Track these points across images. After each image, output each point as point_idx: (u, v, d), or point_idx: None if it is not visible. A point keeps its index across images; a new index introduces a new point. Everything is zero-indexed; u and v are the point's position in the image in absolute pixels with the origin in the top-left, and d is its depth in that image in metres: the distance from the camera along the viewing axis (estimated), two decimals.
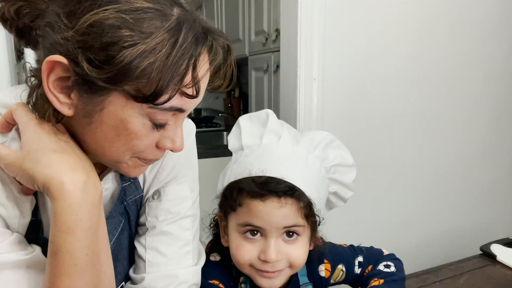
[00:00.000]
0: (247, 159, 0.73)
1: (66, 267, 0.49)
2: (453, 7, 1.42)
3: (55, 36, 0.47)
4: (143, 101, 0.48)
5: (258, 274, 0.71)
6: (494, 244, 1.14)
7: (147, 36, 0.46)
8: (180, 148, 0.57)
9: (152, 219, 0.69)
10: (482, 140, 1.59)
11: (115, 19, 0.45)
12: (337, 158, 0.78)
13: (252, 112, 0.82)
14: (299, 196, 0.69)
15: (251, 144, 0.75)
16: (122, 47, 0.45)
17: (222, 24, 2.38)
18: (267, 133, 0.75)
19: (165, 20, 0.47)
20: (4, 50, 1.36)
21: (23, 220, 0.55)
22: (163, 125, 0.53)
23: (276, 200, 0.68)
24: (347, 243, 0.88)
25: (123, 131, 0.51)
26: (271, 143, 0.74)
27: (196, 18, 0.51)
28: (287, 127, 0.78)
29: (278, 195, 0.68)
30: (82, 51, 0.46)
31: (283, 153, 0.72)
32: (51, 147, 0.51)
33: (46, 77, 0.48)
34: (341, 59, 1.28)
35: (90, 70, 0.46)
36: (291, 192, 0.68)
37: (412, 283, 0.98)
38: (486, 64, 1.53)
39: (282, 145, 0.73)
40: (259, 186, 0.68)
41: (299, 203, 0.69)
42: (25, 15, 0.51)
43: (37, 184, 0.50)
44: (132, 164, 0.56)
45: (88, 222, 0.50)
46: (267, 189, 0.68)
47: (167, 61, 0.47)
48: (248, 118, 0.79)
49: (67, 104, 0.50)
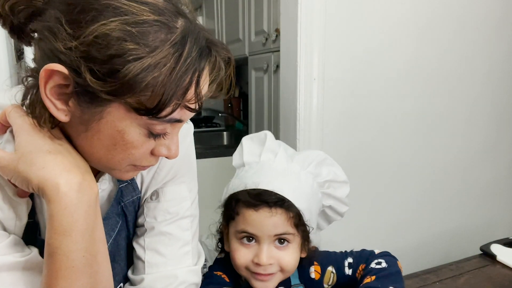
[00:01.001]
0: (246, 174, 0.82)
1: (63, 269, 0.49)
2: (453, 8, 1.42)
3: (56, 43, 0.46)
4: (145, 114, 0.48)
5: (252, 277, 0.79)
6: (494, 244, 1.14)
7: (152, 50, 0.46)
8: (175, 156, 0.57)
9: (150, 220, 0.69)
10: (482, 140, 1.59)
11: (121, 31, 0.45)
12: (330, 174, 0.85)
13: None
14: (288, 207, 0.76)
15: (250, 161, 0.84)
16: (127, 61, 0.45)
17: (222, 24, 2.38)
18: (265, 151, 0.83)
19: (170, 33, 0.47)
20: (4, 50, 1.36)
21: (19, 222, 0.55)
22: (161, 134, 0.53)
23: (268, 210, 0.75)
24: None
25: (120, 141, 0.51)
26: (268, 160, 0.82)
27: (200, 29, 0.51)
28: (284, 147, 0.86)
29: (269, 205, 0.75)
30: (85, 62, 0.45)
31: (277, 169, 0.81)
32: (46, 149, 0.51)
33: (44, 84, 0.47)
34: (341, 59, 1.28)
35: (93, 82, 0.45)
36: (280, 203, 0.76)
37: (412, 283, 0.98)
38: (486, 64, 1.53)
39: (278, 161, 0.81)
40: (253, 197, 0.76)
41: (288, 213, 0.76)
42: (20, 12, 0.50)
43: (32, 186, 0.49)
44: (125, 169, 0.56)
45: (84, 224, 0.50)
46: (259, 200, 0.76)
47: (171, 76, 0.47)
48: (249, 139, 0.89)
49: (64, 111, 0.50)
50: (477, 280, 0.99)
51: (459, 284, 0.97)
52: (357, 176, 1.38)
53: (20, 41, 0.54)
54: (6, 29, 0.53)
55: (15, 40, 0.53)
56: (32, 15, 0.50)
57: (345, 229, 1.38)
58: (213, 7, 2.48)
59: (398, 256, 0.84)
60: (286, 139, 1.35)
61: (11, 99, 0.54)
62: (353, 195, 1.37)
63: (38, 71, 0.48)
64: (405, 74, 1.39)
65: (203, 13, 2.78)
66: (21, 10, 0.50)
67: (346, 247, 1.25)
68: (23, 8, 0.50)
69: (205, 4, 2.75)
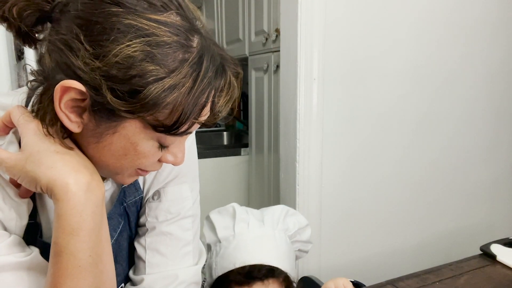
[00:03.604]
0: (227, 251, 0.85)
1: (69, 268, 0.49)
2: (453, 8, 1.42)
3: (74, 60, 0.46)
4: (163, 131, 0.49)
5: None
6: (494, 244, 1.14)
7: (172, 71, 0.46)
8: (181, 162, 0.58)
9: (152, 219, 0.69)
10: (482, 140, 1.59)
11: (143, 53, 0.45)
12: (295, 224, 0.93)
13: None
14: (278, 274, 0.83)
15: (227, 236, 0.88)
16: (148, 82, 0.45)
17: (222, 24, 2.38)
18: (237, 223, 0.88)
19: (187, 52, 0.48)
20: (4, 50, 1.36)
21: (20, 223, 0.55)
22: (170, 144, 0.54)
23: (261, 284, 0.81)
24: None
25: (131, 151, 0.51)
26: (243, 231, 0.87)
27: (214, 45, 0.51)
28: (250, 212, 0.92)
29: (261, 279, 0.81)
30: (106, 81, 0.45)
31: (254, 238, 0.86)
32: (53, 149, 0.51)
33: (59, 98, 0.47)
34: (341, 59, 1.28)
35: (114, 101, 0.46)
36: (271, 274, 0.82)
37: (412, 283, 0.98)
38: (485, 64, 1.53)
39: (251, 230, 0.87)
40: (244, 276, 0.81)
41: (279, 280, 0.83)
42: (28, 16, 0.50)
43: (40, 185, 0.50)
44: (128, 174, 0.57)
45: (91, 223, 0.50)
46: (251, 277, 0.81)
47: (189, 95, 0.48)
48: (217, 213, 0.93)
49: (77, 123, 0.50)
50: (477, 280, 0.99)
51: (459, 284, 0.97)
52: (357, 176, 1.38)
53: (25, 44, 0.54)
54: (11, 33, 0.53)
55: (20, 42, 0.53)
56: (39, 20, 0.51)
57: (345, 229, 1.38)
58: (213, 7, 2.47)
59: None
60: (286, 139, 1.35)
61: (16, 101, 0.54)
62: (353, 195, 1.38)
63: (47, 78, 0.48)
64: (405, 74, 1.39)
65: (203, 13, 2.78)
66: (28, 15, 0.50)
67: (346, 247, 1.26)
68: (31, 12, 0.50)
69: (205, 4, 2.75)
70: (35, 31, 0.52)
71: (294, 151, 1.30)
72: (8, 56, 1.40)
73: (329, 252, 1.36)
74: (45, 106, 0.51)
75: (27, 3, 0.49)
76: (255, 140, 1.97)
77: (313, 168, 1.30)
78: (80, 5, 0.46)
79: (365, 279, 0.99)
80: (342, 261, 1.38)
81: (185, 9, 0.50)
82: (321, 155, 1.30)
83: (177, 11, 0.49)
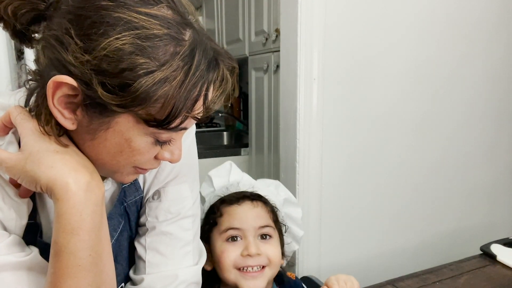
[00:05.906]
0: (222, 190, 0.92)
1: (69, 267, 0.49)
2: (453, 8, 1.42)
3: (65, 55, 0.46)
4: (155, 126, 0.49)
5: (243, 277, 0.82)
6: (494, 244, 1.14)
7: (162, 64, 0.46)
8: (178, 160, 0.58)
9: (152, 219, 0.69)
10: (482, 140, 1.59)
11: (133, 46, 0.45)
12: (286, 194, 1.00)
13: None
14: (266, 202, 0.90)
15: (221, 185, 0.94)
16: (138, 75, 0.45)
17: (222, 24, 2.38)
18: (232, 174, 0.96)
19: (179, 45, 0.47)
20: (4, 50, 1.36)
21: (19, 223, 0.55)
22: (166, 141, 0.54)
23: (250, 203, 0.87)
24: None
25: (127, 148, 0.51)
26: (237, 180, 0.95)
27: (206, 39, 0.51)
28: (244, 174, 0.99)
29: (251, 199, 0.88)
30: (96, 75, 0.45)
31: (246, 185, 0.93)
32: (53, 148, 0.51)
33: (51, 94, 0.47)
34: (341, 59, 1.28)
35: (104, 95, 0.45)
36: (260, 198, 0.89)
37: (412, 283, 0.98)
38: (485, 64, 1.53)
39: (245, 180, 0.95)
40: (236, 195, 0.89)
41: (267, 207, 0.89)
42: (22, 15, 0.50)
43: (40, 185, 0.50)
44: (127, 173, 0.57)
45: (91, 223, 0.50)
46: (241, 196, 0.88)
47: (180, 89, 0.48)
48: (216, 171, 0.99)
49: (71, 119, 0.50)
50: (477, 280, 0.99)
51: (459, 284, 0.97)
52: (357, 176, 1.38)
53: (22, 43, 0.54)
54: (7, 32, 0.53)
55: (17, 42, 0.54)
56: (34, 19, 0.50)
57: (344, 229, 1.38)
58: (213, 7, 2.47)
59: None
60: (286, 139, 1.35)
61: (15, 102, 0.54)
62: (353, 195, 1.38)
63: (42, 76, 0.48)
64: (405, 74, 1.39)
65: (203, 13, 2.78)
66: (23, 14, 0.50)
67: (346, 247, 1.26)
68: (26, 11, 0.50)
69: (205, 4, 2.75)
70: (32, 31, 0.52)
71: (294, 151, 1.29)
72: (8, 56, 1.40)
73: (329, 252, 1.35)
74: (39, 104, 0.51)
75: (22, 2, 0.50)
76: (255, 140, 1.97)
77: (313, 168, 1.30)
78: (71, 1, 0.46)
79: (365, 279, 0.99)
80: (342, 261, 1.38)
81: (177, 3, 0.50)
82: (321, 155, 1.30)
83: (168, 4, 0.48)
